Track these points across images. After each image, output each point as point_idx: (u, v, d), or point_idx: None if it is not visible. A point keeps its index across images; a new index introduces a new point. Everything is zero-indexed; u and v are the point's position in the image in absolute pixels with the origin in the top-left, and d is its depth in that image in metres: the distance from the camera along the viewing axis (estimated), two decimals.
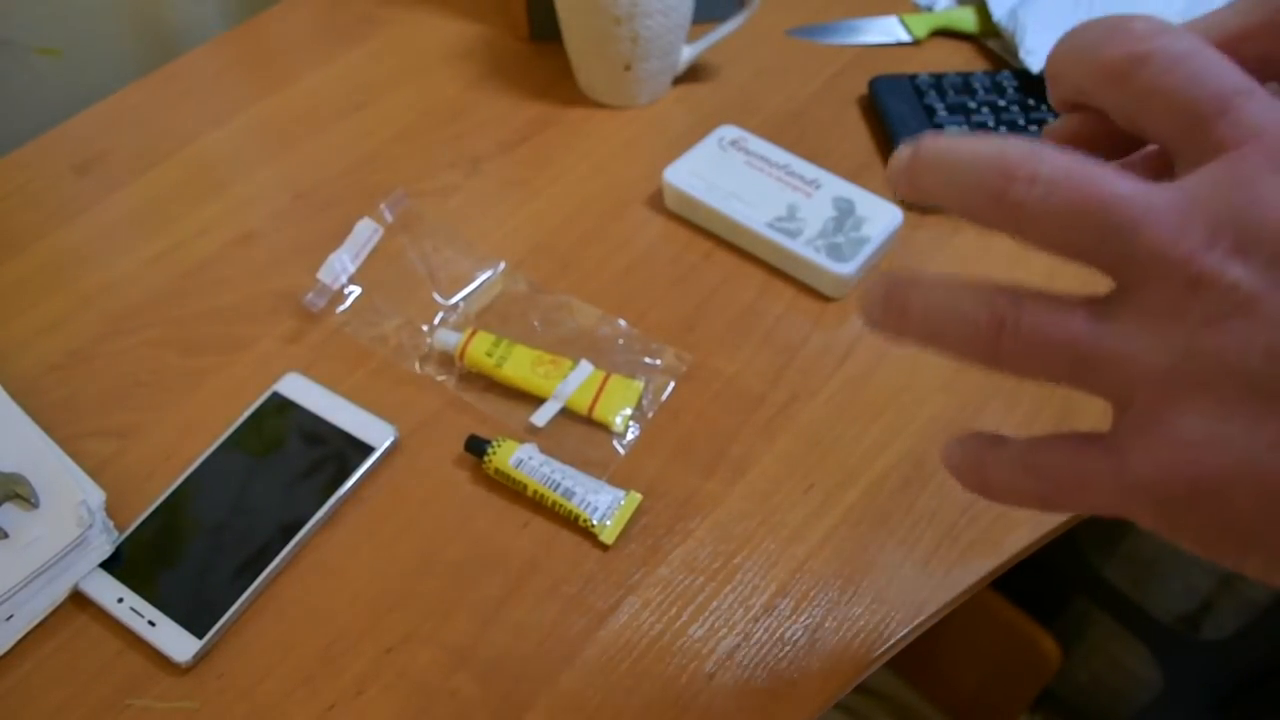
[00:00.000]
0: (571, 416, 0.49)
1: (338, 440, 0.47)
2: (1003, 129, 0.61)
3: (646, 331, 0.53)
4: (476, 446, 0.47)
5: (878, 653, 0.42)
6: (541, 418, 0.48)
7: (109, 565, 0.43)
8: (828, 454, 0.48)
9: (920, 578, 0.44)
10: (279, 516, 0.45)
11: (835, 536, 0.45)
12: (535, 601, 0.43)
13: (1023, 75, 0.64)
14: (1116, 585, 1.00)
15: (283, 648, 0.42)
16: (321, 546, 0.45)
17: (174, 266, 0.56)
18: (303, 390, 0.49)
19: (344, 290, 0.54)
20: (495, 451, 0.46)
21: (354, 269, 0.55)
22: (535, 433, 0.49)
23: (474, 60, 0.68)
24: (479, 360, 0.50)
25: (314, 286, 0.53)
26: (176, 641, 0.41)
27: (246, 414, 0.48)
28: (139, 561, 0.44)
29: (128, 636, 0.42)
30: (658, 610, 0.43)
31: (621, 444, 0.48)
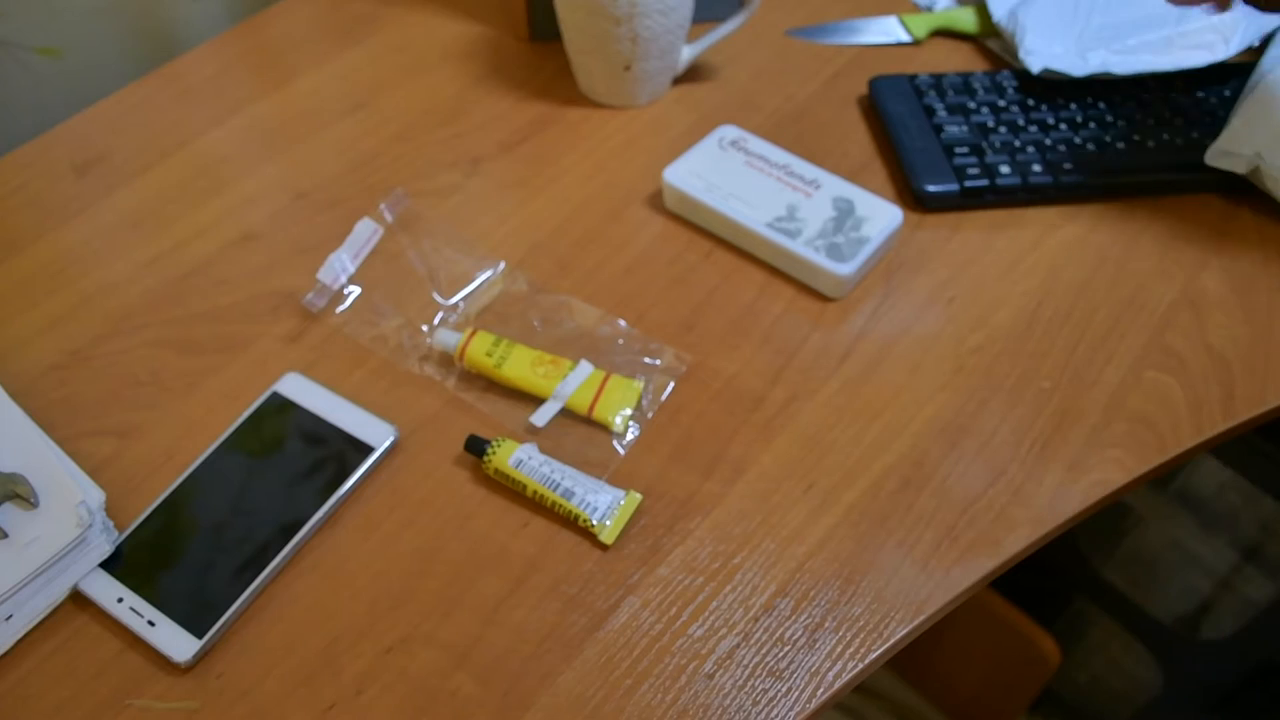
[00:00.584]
0: (571, 416, 0.49)
1: (337, 440, 0.47)
2: (1003, 129, 0.61)
3: (646, 331, 0.53)
4: (476, 446, 0.47)
5: (877, 653, 0.42)
6: (541, 418, 0.48)
7: (109, 565, 0.43)
8: (827, 454, 0.48)
9: (920, 578, 0.44)
10: (279, 516, 0.45)
11: (835, 536, 0.45)
12: (535, 601, 0.43)
13: (1022, 75, 0.64)
14: (1116, 585, 1.00)
15: (283, 648, 0.42)
16: (321, 546, 0.45)
17: (174, 266, 0.56)
18: (303, 390, 0.49)
19: (344, 290, 0.54)
20: (495, 451, 0.46)
21: (354, 269, 0.55)
22: (535, 433, 0.49)
23: (474, 60, 0.68)
24: (479, 360, 0.50)
25: (314, 286, 0.53)
26: (176, 641, 0.41)
27: (246, 414, 0.48)
28: (139, 561, 0.44)
29: (127, 636, 0.42)
30: (658, 610, 0.43)
31: (621, 444, 0.48)
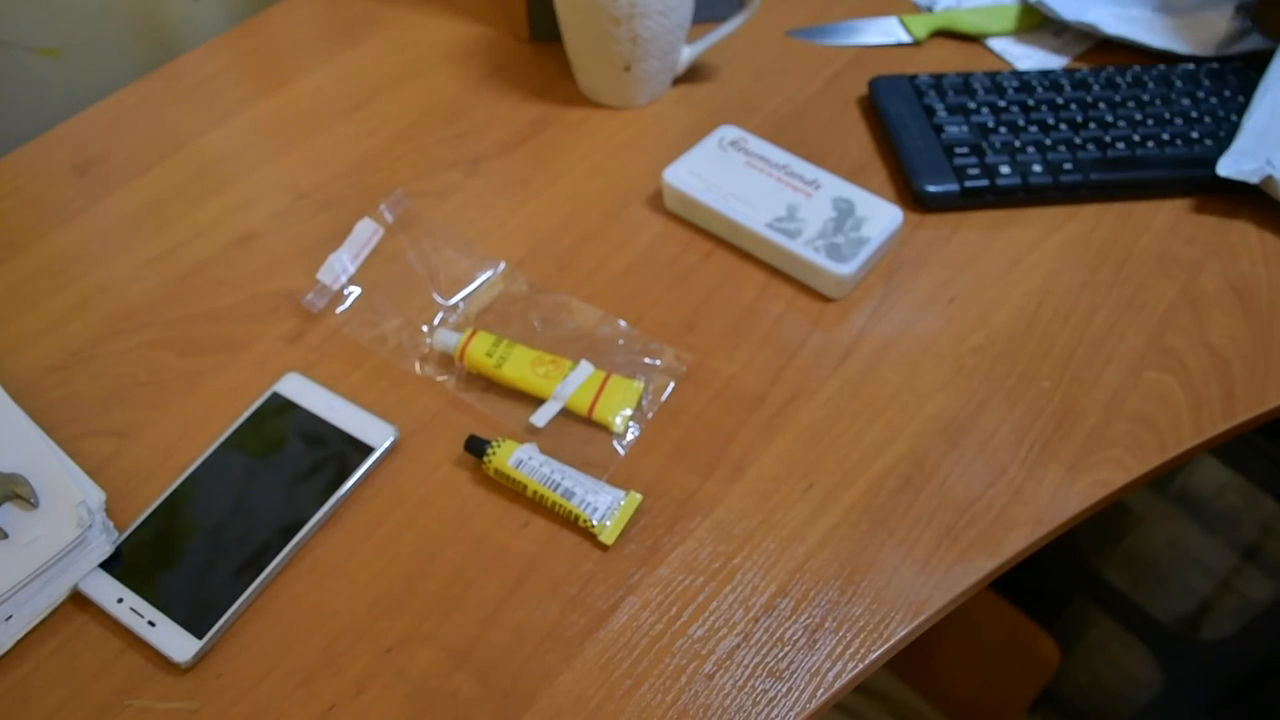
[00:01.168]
0: (571, 417, 0.49)
1: (337, 440, 0.47)
2: (1003, 129, 0.61)
3: (646, 332, 0.53)
4: (476, 447, 0.47)
5: (877, 653, 0.42)
6: (541, 418, 0.48)
7: (109, 565, 0.43)
8: (827, 454, 0.48)
9: (920, 578, 0.44)
10: (279, 517, 0.45)
11: (835, 536, 0.45)
12: (535, 601, 0.43)
13: (1023, 76, 0.64)
14: (1116, 585, 1.00)
15: (283, 648, 0.42)
16: (321, 547, 0.45)
17: (174, 267, 0.56)
18: (303, 390, 0.49)
19: (344, 291, 0.54)
20: (495, 452, 0.46)
21: (354, 269, 0.55)
22: (535, 433, 0.49)
23: (474, 60, 0.68)
24: (479, 360, 0.50)
25: (314, 287, 0.53)
26: (176, 642, 0.41)
27: (246, 414, 0.48)
28: (139, 562, 0.44)
29: (127, 637, 0.42)
30: (658, 610, 0.43)
31: (621, 444, 0.48)
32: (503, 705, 0.40)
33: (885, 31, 0.71)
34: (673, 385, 0.50)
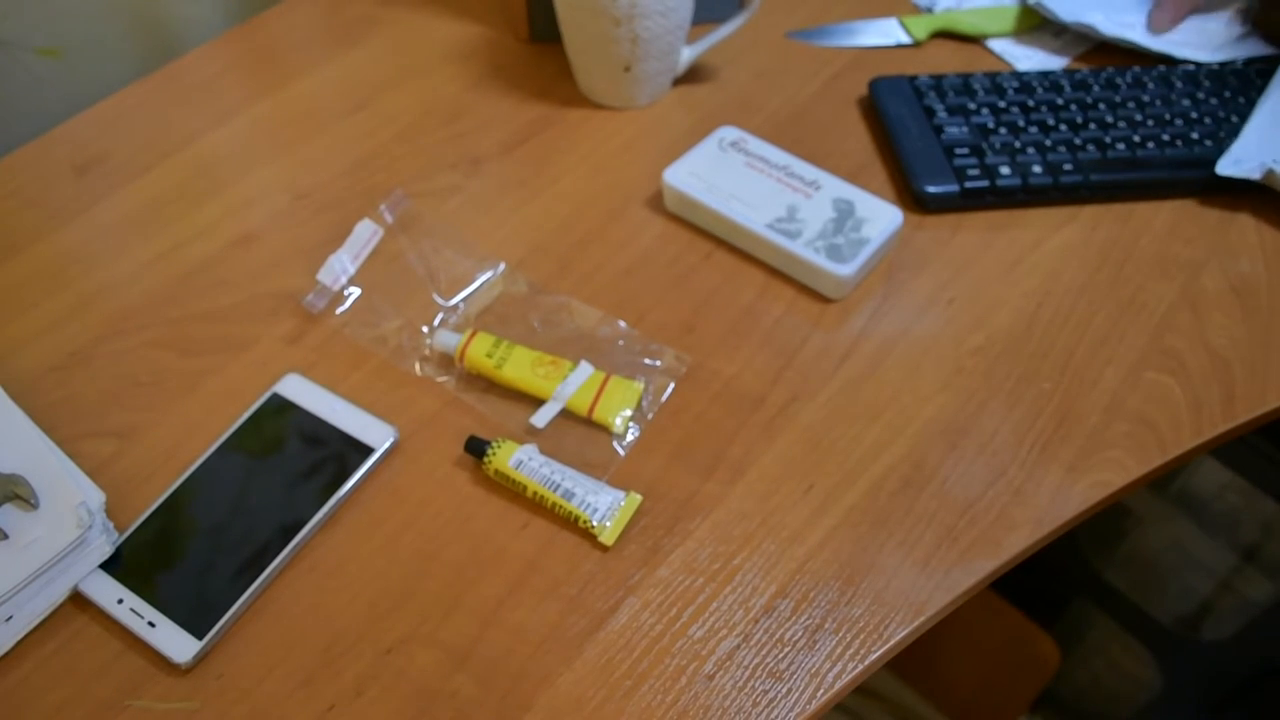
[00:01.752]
0: (571, 418, 0.49)
1: (337, 441, 0.47)
2: (1003, 130, 0.61)
3: (646, 332, 0.53)
4: (476, 447, 0.47)
5: (877, 654, 0.42)
6: (541, 419, 0.48)
7: (109, 566, 0.43)
8: (827, 455, 0.48)
9: (920, 578, 0.44)
10: (279, 517, 0.45)
11: (835, 537, 0.45)
12: (535, 602, 0.43)
13: (1023, 77, 0.64)
14: (1116, 586, 1.00)
15: (283, 648, 0.42)
16: (321, 547, 0.45)
17: (174, 267, 0.56)
18: (302, 391, 0.49)
19: (344, 291, 0.54)
20: (495, 452, 0.46)
21: (354, 270, 0.55)
22: (535, 434, 0.49)
23: (474, 61, 0.68)
24: (479, 361, 0.50)
25: (314, 288, 0.53)
26: (176, 642, 0.41)
27: (246, 415, 0.48)
28: (139, 562, 0.43)
29: (127, 637, 0.42)
30: (658, 611, 0.43)
31: (621, 445, 0.48)
32: (503, 705, 0.40)
33: (884, 33, 0.71)
34: (673, 386, 0.50)
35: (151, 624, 0.42)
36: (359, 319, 0.53)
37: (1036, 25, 0.71)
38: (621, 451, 0.48)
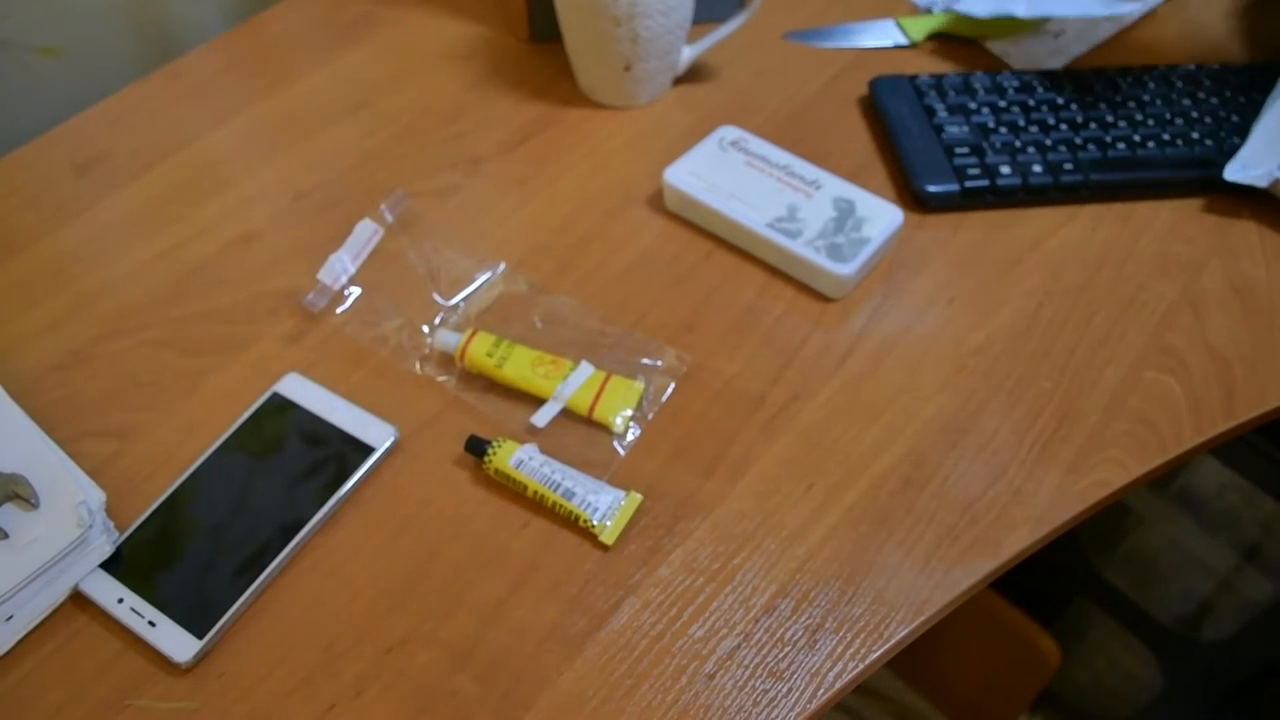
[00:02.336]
0: (572, 417, 0.49)
1: (338, 441, 0.47)
2: (1003, 130, 0.61)
3: (646, 332, 0.53)
4: (476, 447, 0.47)
5: (878, 653, 0.42)
6: (542, 418, 0.48)
7: (109, 565, 0.43)
8: (828, 454, 0.48)
9: (920, 578, 0.44)
10: (279, 517, 0.45)
11: (835, 537, 0.45)
12: (535, 601, 0.43)
13: (1023, 76, 0.64)
14: (1117, 586, 1.00)
15: (283, 648, 0.42)
16: (321, 547, 0.45)
17: (174, 266, 0.56)
18: (303, 391, 0.49)
19: (344, 291, 0.54)
20: (495, 452, 0.46)
21: (354, 269, 0.55)
22: (535, 433, 0.49)
23: (474, 60, 0.68)
24: (479, 361, 0.50)
25: (314, 287, 0.53)
26: (176, 642, 0.41)
27: (247, 414, 0.48)
28: (139, 562, 0.44)
29: (128, 637, 0.42)
30: (658, 610, 0.43)
31: (622, 444, 0.48)
32: (503, 705, 0.40)
33: (882, 34, 0.71)
34: (673, 385, 0.50)
35: (152, 623, 0.42)
36: (359, 318, 0.53)
37: (1035, 27, 0.71)
38: (622, 451, 0.48)
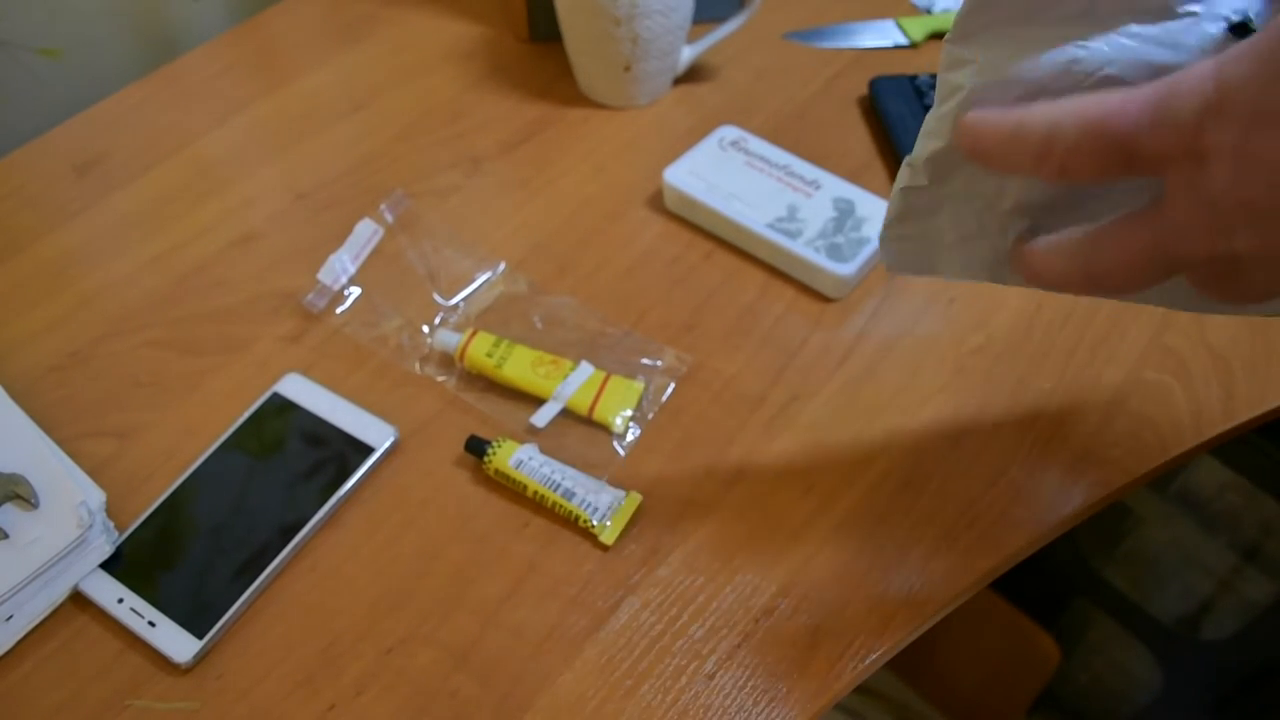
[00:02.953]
0: (572, 417, 0.49)
1: (338, 441, 0.47)
2: None
3: (646, 332, 0.53)
4: (476, 447, 0.47)
5: (878, 653, 0.42)
6: (542, 418, 0.48)
7: (109, 566, 0.43)
8: (828, 454, 0.48)
9: (920, 578, 0.44)
10: (279, 517, 0.45)
11: (835, 537, 0.45)
12: (535, 601, 0.43)
13: None
14: (1116, 586, 1.00)
15: (283, 648, 0.42)
16: (321, 547, 0.45)
17: (174, 267, 0.56)
18: (303, 391, 0.49)
19: (344, 291, 0.54)
20: (495, 452, 0.46)
21: (354, 270, 0.55)
22: (535, 433, 0.49)
23: (474, 60, 0.68)
24: (479, 361, 0.50)
25: (314, 287, 0.53)
26: (176, 642, 0.41)
27: (246, 415, 0.48)
28: (139, 562, 0.44)
29: (128, 637, 0.42)
30: (658, 610, 0.43)
31: (622, 445, 0.48)
32: (503, 705, 0.40)
33: (882, 34, 0.71)
34: (673, 386, 0.50)
35: (152, 623, 0.42)
36: (359, 318, 0.53)
37: None
38: (622, 451, 0.48)
